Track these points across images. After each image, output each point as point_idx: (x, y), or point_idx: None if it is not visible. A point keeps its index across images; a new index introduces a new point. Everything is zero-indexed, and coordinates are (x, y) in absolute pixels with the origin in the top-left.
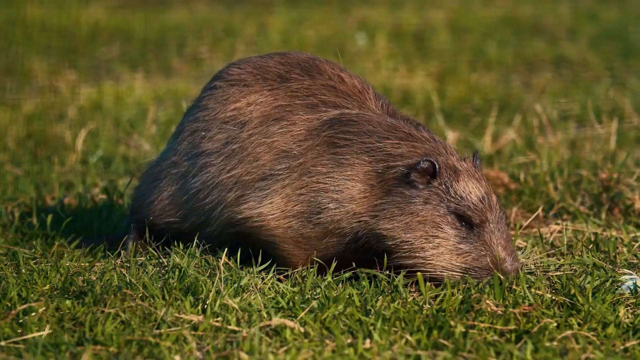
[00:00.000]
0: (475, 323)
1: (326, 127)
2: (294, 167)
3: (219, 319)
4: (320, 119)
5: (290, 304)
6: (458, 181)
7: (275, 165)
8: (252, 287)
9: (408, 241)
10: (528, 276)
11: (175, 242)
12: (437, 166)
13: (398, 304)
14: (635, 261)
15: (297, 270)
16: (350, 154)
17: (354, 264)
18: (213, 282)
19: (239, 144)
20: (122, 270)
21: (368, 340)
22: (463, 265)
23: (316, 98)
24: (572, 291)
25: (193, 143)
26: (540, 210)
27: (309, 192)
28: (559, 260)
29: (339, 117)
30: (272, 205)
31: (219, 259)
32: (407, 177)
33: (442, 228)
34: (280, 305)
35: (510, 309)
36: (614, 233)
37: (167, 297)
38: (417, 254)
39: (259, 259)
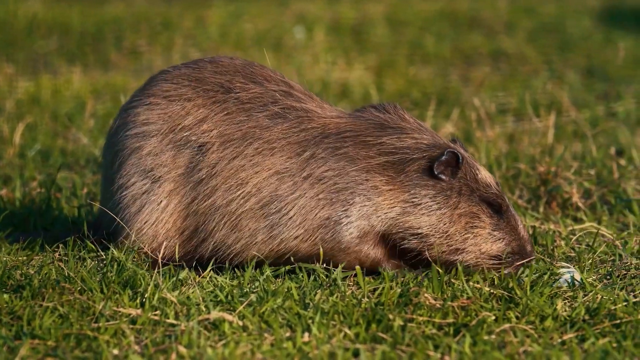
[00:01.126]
0: (414, 316)
1: (320, 138)
2: (300, 182)
3: (158, 312)
4: (306, 131)
5: (229, 297)
6: (478, 170)
7: (277, 188)
8: (191, 280)
9: (450, 234)
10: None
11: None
12: (459, 157)
13: (337, 297)
14: (573, 254)
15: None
16: (357, 150)
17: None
18: (151, 276)
19: (206, 171)
20: (60, 264)
21: (307, 334)
22: (497, 252)
23: (275, 107)
24: (511, 284)
25: (141, 164)
26: None
27: (329, 195)
28: None
29: (327, 128)
30: (295, 224)
31: (158, 253)
32: (431, 170)
33: (480, 217)
34: (218, 299)
35: (449, 303)
36: (552, 226)
37: (105, 290)
38: (460, 246)
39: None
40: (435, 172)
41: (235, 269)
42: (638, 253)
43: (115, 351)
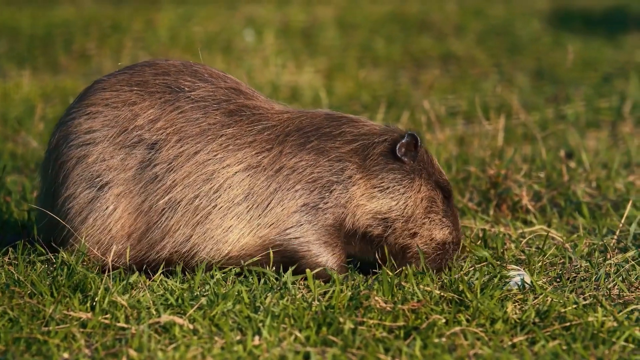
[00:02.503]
0: (364, 319)
1: (283, 137)
2: (273, 175)
3: (108, 316)
4: (268, 129)
5: (179, 301)
6: (432, 157)
7: (251, 184)
8: (141, 284)
9: (413, 217)
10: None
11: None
12: (418, 140)
13: (287, 300)
14: (523, 257)
15: (331, 270)
16: (324, 142)
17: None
18: (102, 279)
19: (162, 166)
20: (9, 267)
21: (257, 337)
22: (442, 239)
23: (230, 104)
24: (461, 287)
25: (88, 172)
26: None
27: (305, 185)
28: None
29: (286, 125)
30: (273, 217)
31: (108, 255)
32: (393, 153)
33: (436, 202)
34: (169, 302)
35: (399, 306)
36: (502, 229)
37: (55, 294)
38: (417, 230)
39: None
40: (398, 154)
41: (186, 272)
42: (587, 256)
43: (66, 355)
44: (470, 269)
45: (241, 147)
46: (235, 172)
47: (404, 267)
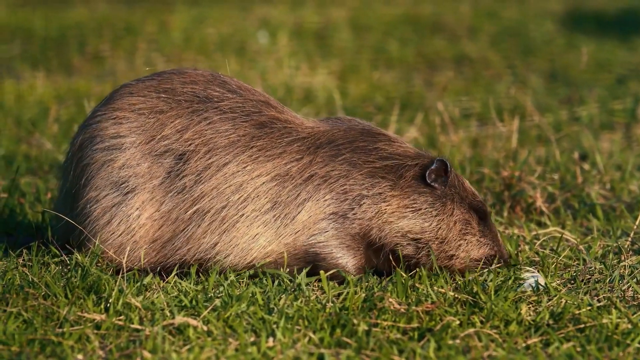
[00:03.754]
0: (378, 321)
1: (314, 149)
2: (302, 184)
3: (122, 317)
4: (299, 140)
5: (193, 302)
6: (463, 180)
7: (279, 192)
8: (155, 285)
9: (447, 240)
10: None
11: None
12: (448, 166)
13: (301, 302)
14: (537, 259)
15: (353, 276)
16: (357, 156)
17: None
18: (116, 281)
19: (191, 178)
20: (24, 269)
21: (271, 339)
22: (482, 256)
23: (261, 117)
24: (475, 289)
25: (113, 176)
26: None
27: (336, 195)
28: None
29: (317, 138)
30: (301, 225)
31: (123, 257)
32: (423, 178)
33: (471, 224)
34: (183, 304)
35: (413, 307)
36: (516, 231)
37: (69, 295)
38: (454, 252)
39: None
40: (428, 181)
41: (200, 274)
42: (602, 257)
43: (80, 356)
44: (484, 270)
45: (271, 158)
46: (263, 182)
47: (417, 269)
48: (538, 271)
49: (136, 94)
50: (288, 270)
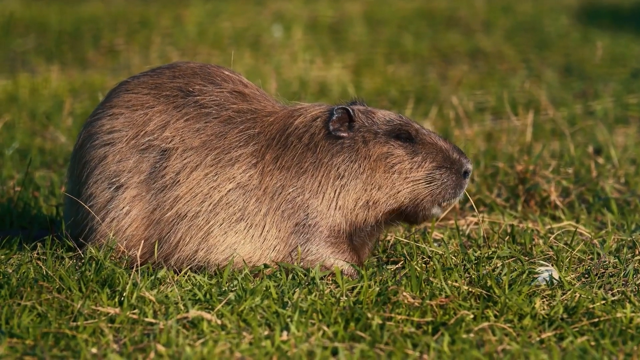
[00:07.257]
0: (392, 315)
1: (265, 148)
2: (262, 196)
3: (136, 311)
4: (254, 137)
5: (208, 296)
6: (374, 113)
7: (245, 204)
8: (169, 279)
9: (380, 185)
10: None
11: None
12: (351, 110)
13: (315, 296)
14: (551, 253)
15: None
16: (284, 156)
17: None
18: (130, 275)
19: (170, 177)
20: (38, 262)
21: (285, 333)
22: (426, 173)
23: (228, 110)
24: (489, 283)
25: (107, 172)
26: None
27: (288, 204)
28: (476, 252)
29: (268, 132)
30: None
31: (136, 251)
32: (329, 133)
33: (392, 154)
34: (197, 298)
35: (427, 301)
36: (530, 225)
37: (83, 289)
38: (395, 189)
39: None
40: (333, 131)
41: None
42: (616, 251)
43: (94, 350)
44: (499, 264)
45: (231, 162)
46: (229, 190)
47: (431, 262)
48: (552, 265)
49: (131, 91)
50: (302, 264)
